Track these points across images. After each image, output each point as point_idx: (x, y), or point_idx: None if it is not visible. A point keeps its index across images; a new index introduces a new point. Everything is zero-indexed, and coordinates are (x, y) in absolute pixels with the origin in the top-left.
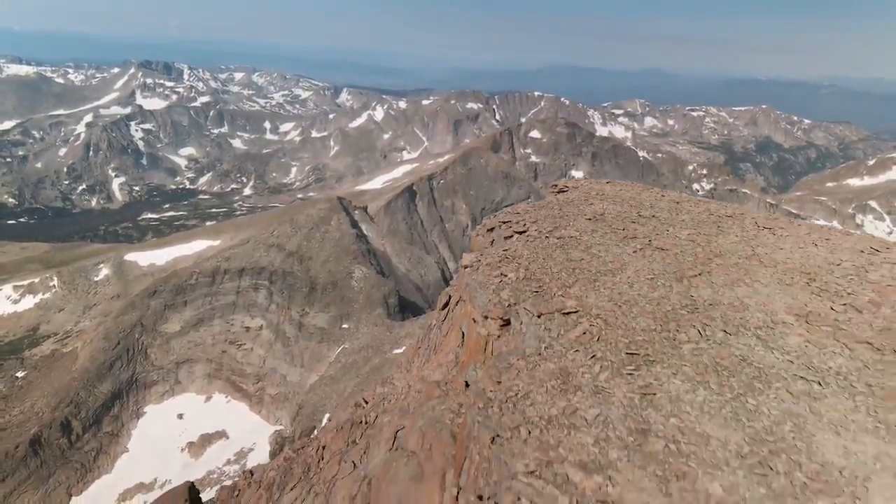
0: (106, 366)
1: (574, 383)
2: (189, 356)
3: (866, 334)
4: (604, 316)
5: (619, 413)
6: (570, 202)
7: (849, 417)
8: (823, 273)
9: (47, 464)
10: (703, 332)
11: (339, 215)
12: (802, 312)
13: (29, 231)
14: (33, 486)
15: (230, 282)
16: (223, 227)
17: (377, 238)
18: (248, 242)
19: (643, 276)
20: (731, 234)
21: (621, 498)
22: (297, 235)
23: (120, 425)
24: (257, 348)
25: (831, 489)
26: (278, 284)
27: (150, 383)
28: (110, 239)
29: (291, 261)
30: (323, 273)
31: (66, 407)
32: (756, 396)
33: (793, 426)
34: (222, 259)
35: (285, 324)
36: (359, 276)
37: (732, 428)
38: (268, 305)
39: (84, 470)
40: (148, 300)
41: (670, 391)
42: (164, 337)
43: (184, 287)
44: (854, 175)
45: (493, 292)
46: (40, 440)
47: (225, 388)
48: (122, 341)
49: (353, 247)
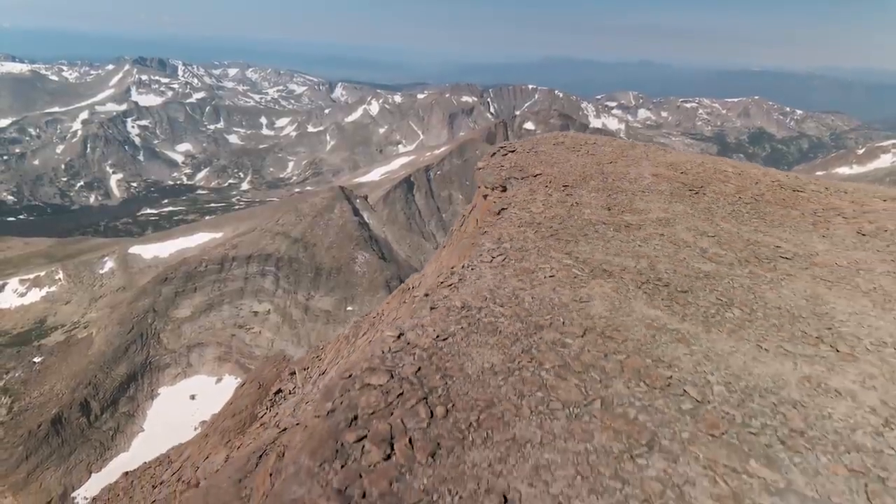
0: (121, 349)
1: (537, 194)
2: (200, 340)
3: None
4: (554, 174)
5: (560, 197)
6: (543, 140)
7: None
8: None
9: (68, 442)
10: (605, 181)
11: (341, 203)
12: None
13: (29, 228)
14: (55, 463)
15: (238, 268)
16: (224, 219)
17: (378, 225)
18: (254, 231)
19: (579, 164)
20: (637, 150)
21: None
22: (302, 223)
23: (136, 406)
24: (265, 331)
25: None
26: (284, 270)
27: (163, 366)
28: (111, 234)
29: (297, 247)
30: (327, 258)
31: (84, 389)
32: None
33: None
34: (230, 247)
35: (292, 307)
36: (362, 262)
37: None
38: (275, 290)
39: (103, 448)
40: (159, 287)
41: (581, 196)
42: (176, 322)
43: (193, 274)
44: (844, 164)
45: (495, 175)
46: (61, 420)
47: (235, 370)
48: (135, 326)
49: (356, 233)
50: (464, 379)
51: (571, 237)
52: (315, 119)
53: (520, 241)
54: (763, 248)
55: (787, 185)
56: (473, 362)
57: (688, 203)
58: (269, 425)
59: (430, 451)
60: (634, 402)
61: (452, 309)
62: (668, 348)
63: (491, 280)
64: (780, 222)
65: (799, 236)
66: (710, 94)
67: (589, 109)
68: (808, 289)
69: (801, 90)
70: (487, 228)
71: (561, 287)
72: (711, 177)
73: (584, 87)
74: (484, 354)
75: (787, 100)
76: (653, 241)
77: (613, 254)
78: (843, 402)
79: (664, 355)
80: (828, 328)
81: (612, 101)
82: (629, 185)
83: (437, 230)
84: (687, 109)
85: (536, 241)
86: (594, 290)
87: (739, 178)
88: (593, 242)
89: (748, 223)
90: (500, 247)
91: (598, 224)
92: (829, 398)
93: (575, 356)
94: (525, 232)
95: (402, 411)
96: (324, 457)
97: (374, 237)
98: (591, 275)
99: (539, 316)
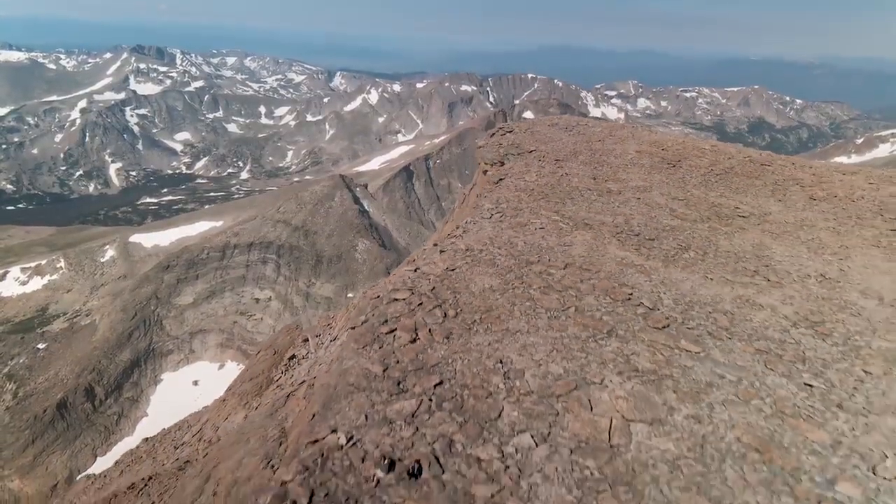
0: (125, 336)
1: (531, 167)
2: (202, 327)
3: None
4: (547, 151)
5: (551, 169)
6: (539, 122)
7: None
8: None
9: (73, 427)
10: (592, 156)
11: (342, 191)
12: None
13: (29, 217)
14: (61, 447)
15: (240, 256)
16: (225, 208)
17: (378, 214)
18: (255, 219)
19: (570, 142)
20: (624, 130)
21: (571, 172)
22: (303, 211)
23: (139, 391)
24: (267, 318)
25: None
26: (286, 258)
27: (166, 352)
28: (111, 223)
29: (297, 235)
30: (328, 246)
31: (88, 374)
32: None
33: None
34: (231, 234)
35: (293, 294)
36: (362, 249)
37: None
38: (276, 278)
39: (108, 433)
40: (162, 274)
41: (571, 168)
42: (179, 309)
43: (195, 262)
44: (842, 153)
45: (494, 152)
46: (66, 405)
47: (237, 356)
48: (138, 313)
49: (357, 221)
50: (469, 294)
51: (560, 200)
52: (314, 108)
53: (515, 202)
54: (724, 209)
55: (757, 160)
56: (476, 284)
57: (665, 174)
58: (284, 387)
59: (445, 335)
60: (601, 309)
61: (458, 251)
62: (631, 277)
63: (490, 231)
64: (744, 190)
65: (758, 200)
66: (710, 83)
67: (588, 99)
68: (756, 239)
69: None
70: (487, 194)
71: (548, 235)
72: (689, 153)
73: (583, 75)
74: (484, 279)
75: (788, 89)
76: (630, 203)
77: (595, 212)
78: (763, 312)
79: (628, 281)
80: (765, 266)
81: (611, 91)
82: (614, 159)
83: (437, 219)
84: (686, 99)
85: (529, 202)
86: (576, 238)
87: (714, 154)
88: (578, 204)
89: (715, 190)
90: (498, 207)
91: (583, 190)
92: (754, 309)
93: (557, 281)
94: (520, 196)
95: (423, 314)
96: (364, 343)
97: (375, 225)
98: (575, 227)
99: (529, 255)
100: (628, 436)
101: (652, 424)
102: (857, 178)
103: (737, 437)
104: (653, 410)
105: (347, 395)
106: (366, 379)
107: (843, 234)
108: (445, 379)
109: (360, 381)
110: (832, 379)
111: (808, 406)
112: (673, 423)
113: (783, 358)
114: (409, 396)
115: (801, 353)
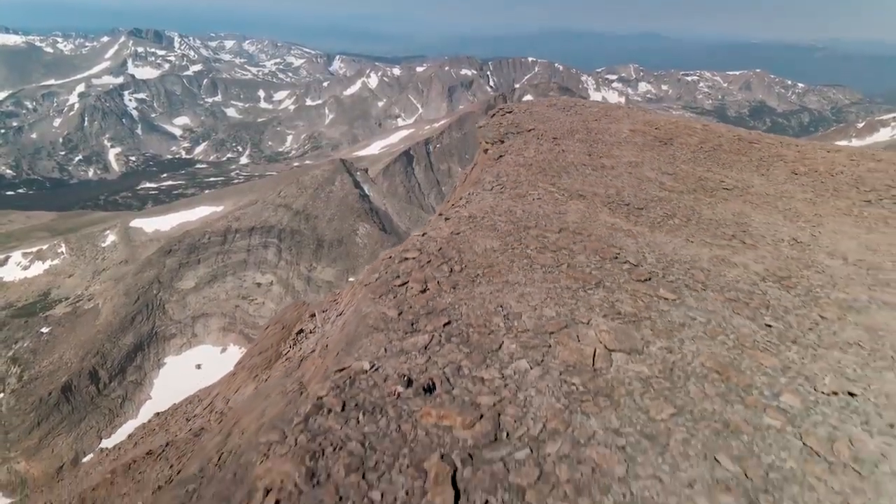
0: (128, 320)
1: (530, 144)
2: (204, 311)
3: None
4: (545, 129)
5: (549, 146)
6: (538, 103)
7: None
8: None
9: (78, 409)
10: (588, 135)
11: (342, 176)
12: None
13: (29, 202)
14: (66, 429)
15: (241, 240)
16: (225, 193)
17: (378, 198)
18: (256, 203)
19: (568, 121)
20: (620, 111)
21: (567, 149)
22: (304, 195)
23: (143, 375)
24: (268, 302)
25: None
26: (287, 242)
27: (168, 336)
28: (111, 208)
29: (298, 219)
30: (329, 230)
31: (92, 357)
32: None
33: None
34: (233, 219)
35: (294, 279)
36: (363, 233)
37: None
38: (277, 262)
39: (112, 415)
40: (164, 259)
41: (567, 145)
42: (181, 293)
43: (197, 246)
44: (843, 138)
45: (494, 132)
46: (71, 388)
47: (239, 340)
48: (141, 297)
49: (357, 205)
50: (472, 253)
51: (556, 173)
52: (313, 92)
53: (514, 176)
54: (710, 182)
55: (745, 138)
56: (479, 245)
57: (656, 151)
58: (293, 360)
59: (452, 286)
60: (590, 265)
61: (462, 218)
62: (620, 240)
63: (491, 201)
64: (731, 165)
65: (742, 175)
66: (711, 66)
67: (589, 82)
68: (736, 209)
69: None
70: (488, 169)
71: (545, 205)
72: (681, 132)
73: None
74: (486, 241)
75: (790, 73)
76: (622, 177)
77: (589, 185)
78: (737, 269)
79: (616, 243)
80: (743, 231)
81: (612, 74)
82: (609, 137)
83: (437, 202)
84: (688, 82)
85: (528, 176)
86: (570, 206)
87: (704, 133)
88: (574, 177)
89: (703, 165)
90: (499, 180)
91: (579, 165)
92: (728, 267)
93: (552, 243)
94: (519, 170)
95: (431, 269)
96: (380, 293)
97: (375, 209)
98: (569, 197)
99: (527, 221)
100: (609, 361)
101: (630, 353)
102: (839, 155)
103: (701, 363)
104: (631, 343)
105: (368, 335)
106: (383, 321)
107: (818, 204)
108: (453, 320)
109: (378, 322)
110: (790, 321)
111: (767, 341)
112: (648, 352)
113: (749, 305)
114: (421, 333)
115: (766, 301)
